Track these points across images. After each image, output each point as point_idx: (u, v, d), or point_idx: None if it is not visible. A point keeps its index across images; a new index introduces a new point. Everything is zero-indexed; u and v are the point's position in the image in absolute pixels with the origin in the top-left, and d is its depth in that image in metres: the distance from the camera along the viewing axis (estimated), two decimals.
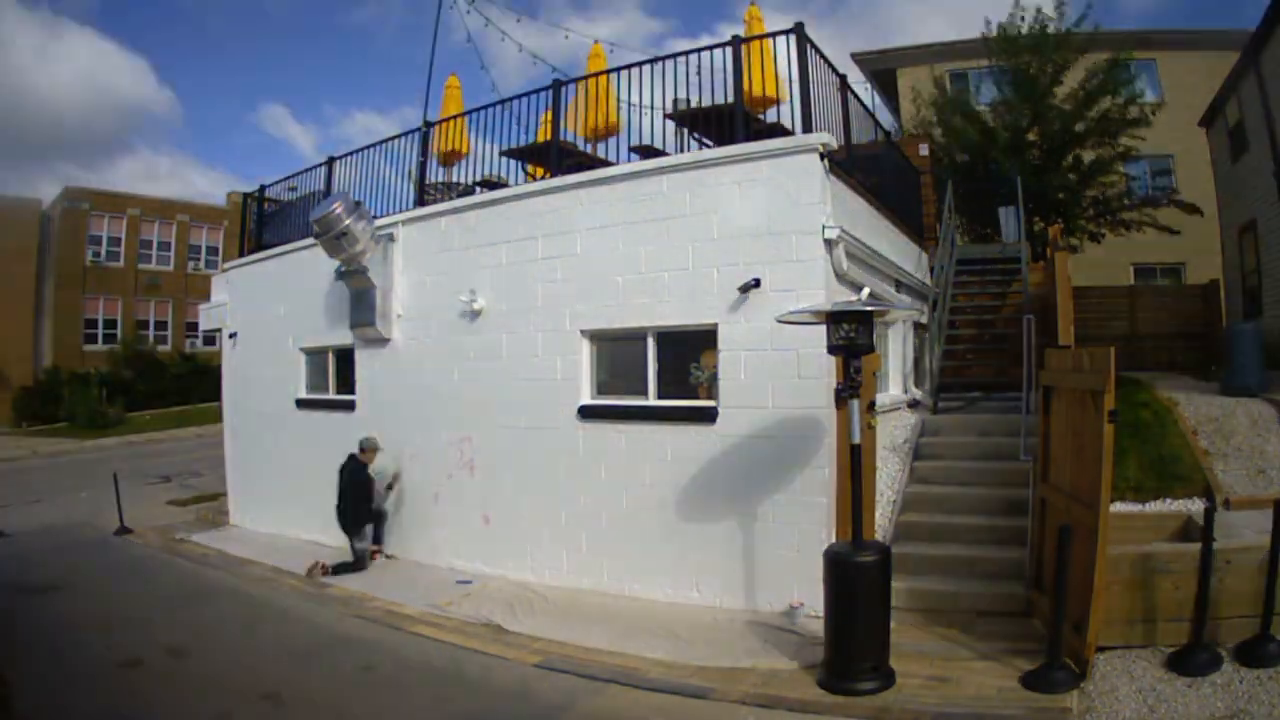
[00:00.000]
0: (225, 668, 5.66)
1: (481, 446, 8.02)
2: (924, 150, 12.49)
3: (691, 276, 6.74)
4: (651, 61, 7.34)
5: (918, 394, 9.27)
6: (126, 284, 31.30)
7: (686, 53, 7.17)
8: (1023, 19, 14.00)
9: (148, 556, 9.50)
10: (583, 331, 7.37)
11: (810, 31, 6.75)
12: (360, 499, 8.29)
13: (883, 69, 20.04)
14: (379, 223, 8.84)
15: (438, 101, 10.47)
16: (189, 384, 30.12)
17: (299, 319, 10.10)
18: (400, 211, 9.04)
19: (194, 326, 29.14)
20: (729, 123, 7.08)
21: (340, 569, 8.12)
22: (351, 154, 9.96)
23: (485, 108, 8.63)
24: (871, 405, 5.97)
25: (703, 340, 6.81)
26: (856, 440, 5.17)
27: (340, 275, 8.91)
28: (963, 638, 5.47)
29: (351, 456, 8.38)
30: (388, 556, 8.64)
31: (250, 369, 11.10)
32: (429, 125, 9.28)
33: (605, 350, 7.49)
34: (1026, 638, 5.28)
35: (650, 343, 7.09)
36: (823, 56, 7.04)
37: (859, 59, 19.88)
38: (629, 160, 7.88)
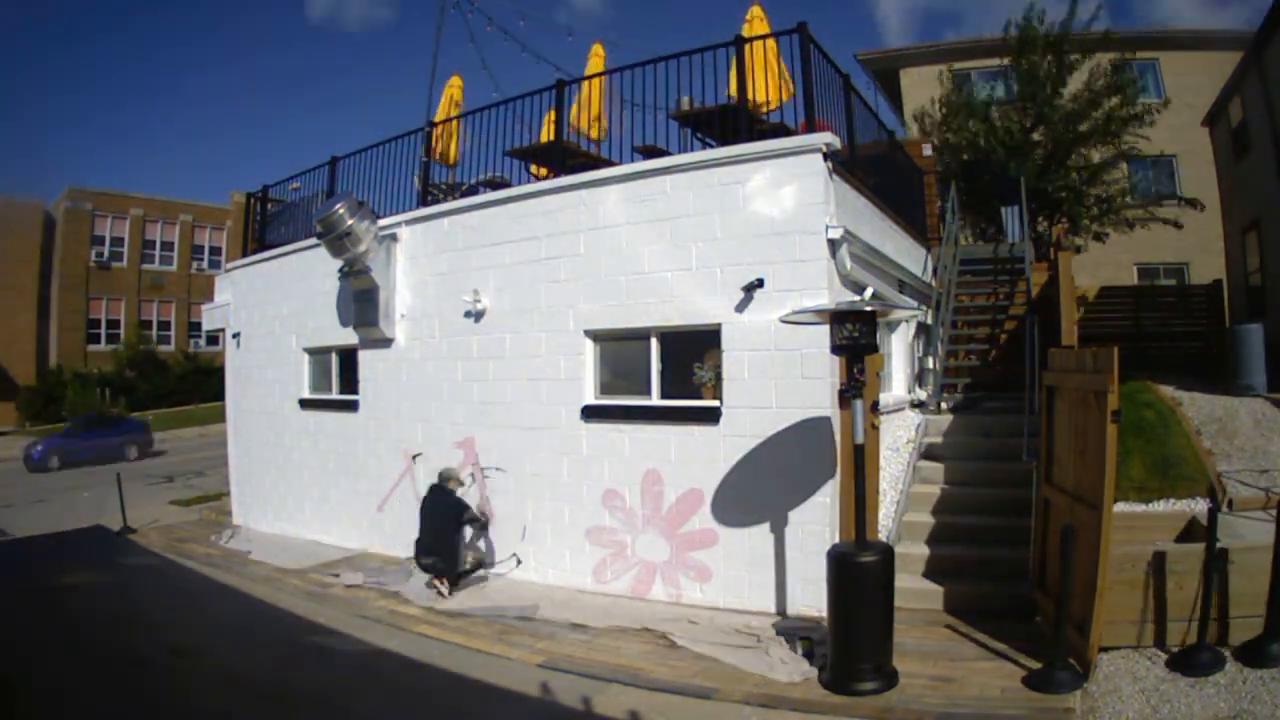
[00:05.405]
0: (229, 667, 5.67)
1: (484, 446, 8.02)
2: (927, 150, 12.50)
3: (695, 276, 6.73)
4: (653, 61, 7.32)
5: (921, 394, 9.27)
6: (130, 284, 31.43)
7: (689, 52, 7.12)
8: (1041, 19, 13.98)
9: (150, 556, 9.52)
10: (586, 331, 7.37)
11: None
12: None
13: (886, 69, 20.04)
14: (382, 223, 8.85)
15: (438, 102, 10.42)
16: (192, 384, 30.29)
17: (302, 319, 10.11)
18: (403, 211, 9.04)
19: (197, 327, 29.19)
20: (732, 123, 7.08)
21: None
22: (354, 154, 9.98)
23: (488, 108, 8.64)
24: (875, 405, 5.95)
25: (706, 340, 6.80)
26: (860, 440, 5.16)
27: (344, 275, 8.92)
28: (966, 638, 5.48)
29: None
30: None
31: (253, 369, 11.11)
32: (431, 125, 9.29)
33: (608, 350, 7.49)
34: (1030, 638, 5.27)
35: (654, 343, 7.09)
36: (826, 56, 7.03)
37: (862, 59, 19.91)
38: (632, 160, 7.88)
